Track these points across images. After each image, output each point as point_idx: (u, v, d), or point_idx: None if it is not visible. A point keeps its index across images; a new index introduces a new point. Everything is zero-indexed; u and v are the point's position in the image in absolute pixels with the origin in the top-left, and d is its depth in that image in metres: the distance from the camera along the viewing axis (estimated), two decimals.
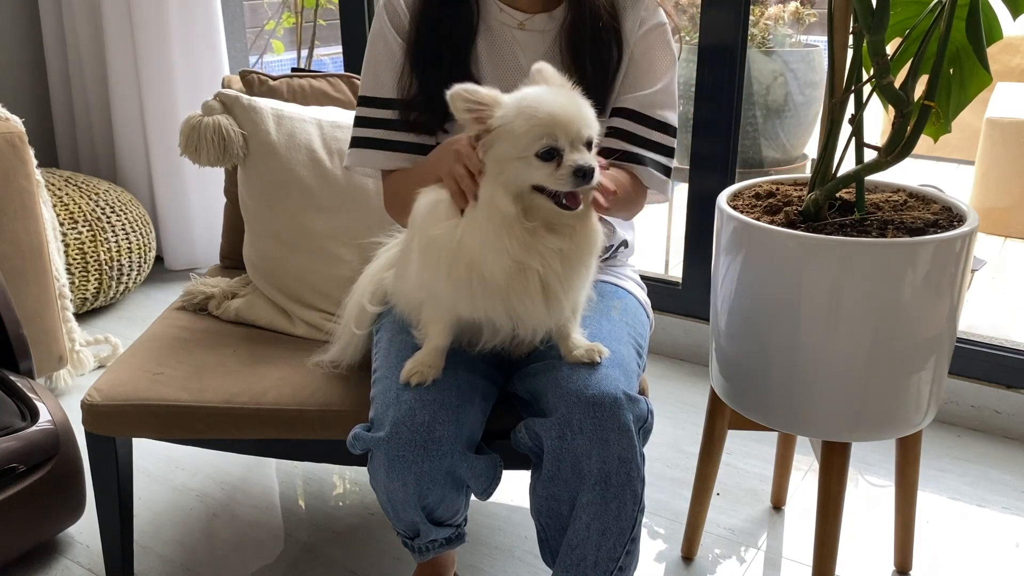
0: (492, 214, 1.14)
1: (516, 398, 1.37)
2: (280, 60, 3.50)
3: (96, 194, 2.83)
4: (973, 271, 2.57)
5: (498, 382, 1.37)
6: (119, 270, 2.84)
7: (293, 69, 2.22)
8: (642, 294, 1.56)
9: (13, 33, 3.21)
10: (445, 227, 1.19)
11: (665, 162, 1.45)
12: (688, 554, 1.75)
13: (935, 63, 1.26)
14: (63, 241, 2.64)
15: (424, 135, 1.44)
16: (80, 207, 2.76)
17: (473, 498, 1.36)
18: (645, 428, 1.26)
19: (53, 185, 2.76)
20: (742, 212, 1.43)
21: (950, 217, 1.40)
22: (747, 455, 2.08)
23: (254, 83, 1.99)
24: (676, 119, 1.46)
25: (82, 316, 2.83)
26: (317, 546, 1.80)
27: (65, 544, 1.81)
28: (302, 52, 3.07)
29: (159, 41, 2.96)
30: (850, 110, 1.38)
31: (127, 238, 2.85)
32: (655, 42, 1.44)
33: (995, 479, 2.00)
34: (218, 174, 2.20)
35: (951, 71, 1.38)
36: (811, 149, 4.26)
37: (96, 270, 2.77)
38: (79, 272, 2.73)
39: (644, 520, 1.86)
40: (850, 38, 1.35)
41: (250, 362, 1.62)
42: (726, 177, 2.35)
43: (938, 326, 1.35)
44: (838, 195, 1.45)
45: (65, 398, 2.36)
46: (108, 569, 1.66)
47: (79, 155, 3.35)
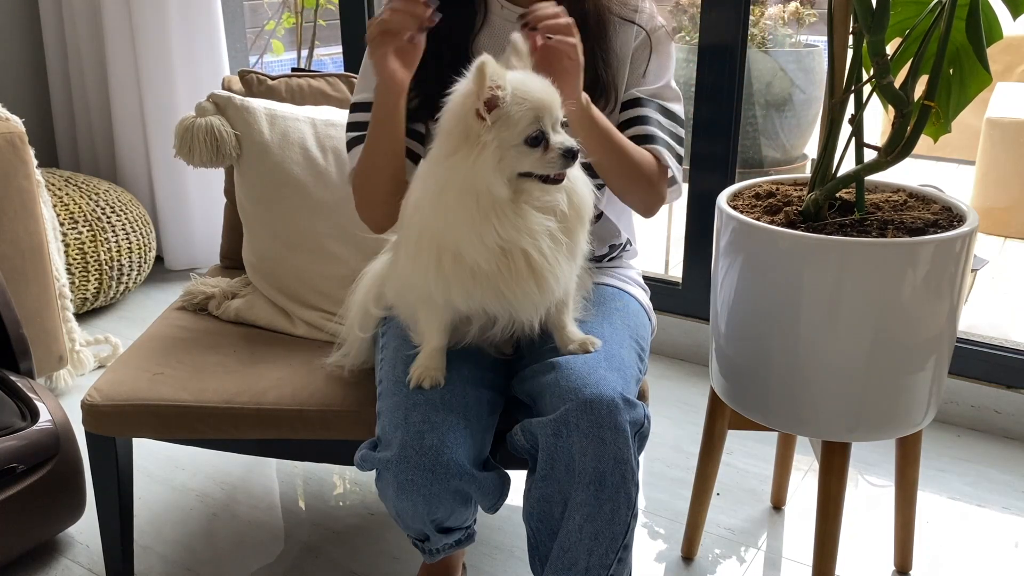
0: (481, 199, 1.14)
1: (515, 401, 1.36)
2: (280, 60, 3.50)
3: (96, 194, 2.83)
4: (975, 271, 2.58)
5: (504, 390, 1.37)
6: (119, 270, 2.84)
7: (293, 69, 2.22)
8: (644, 297, 1.56)
9: (13, 33, 3.21)
10: (446, 166, 1.15)
11: (678, 148, 1.45)
12: (688, 554, 1.75)
13: (935, 63, 1.26)
14: (63, 241, 2.64)
15: (416, 142, 1.43)
16: (80, 207, 2.76)
17: None
18: (641, 434, 1.25)
19: (53, 185, 2.76)
20: (742, 212, 1.42)
21: (950, 217, 1.40)
22: (747, 455, 2.08)
23: (253, 83, 1.99)
24: (682, 111, 1.47)
25: (82, 316, 2.83)
26: (317, 546, 1.80)
27: (65, 544, 1.81)
28: (302, 52, 3.06)
29: (159, 41, 2.95)
30: (850, 110, 1.38)
31: (127, 238, 2.85)
32: (656, 43, 1.44)
33: (995, 479, 2.00)
34: (218, 174, 2.20)
35: (951, 71, 1.37)
36: (811, 149, 4.25)
37: (96, 270, 2.77)
38: (79, 272, 2.73)
39: (644, 520, 1.87)
40: (850, 38, 1.35)
41: (250, 362, 1.62)
42: (726, 177, 2.35)
43: (938, 326, 1.35)
44: (838, 195, 1.45)
45: (65, 398, 2.36)
46: (108, 569, 1.66)
47: (79, 155, 3.35)
